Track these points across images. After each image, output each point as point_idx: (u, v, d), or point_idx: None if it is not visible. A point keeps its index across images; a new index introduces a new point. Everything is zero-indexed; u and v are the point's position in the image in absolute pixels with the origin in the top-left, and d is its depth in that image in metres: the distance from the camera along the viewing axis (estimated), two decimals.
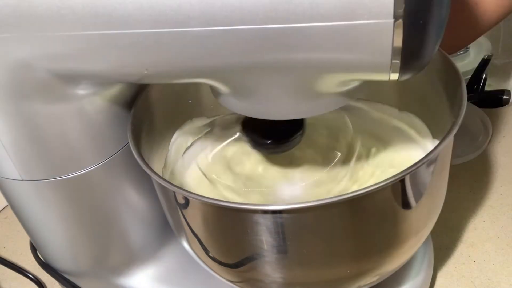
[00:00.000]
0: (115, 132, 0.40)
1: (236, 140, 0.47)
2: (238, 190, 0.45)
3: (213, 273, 0.40)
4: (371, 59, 0.25)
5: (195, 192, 0.32)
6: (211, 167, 0.47)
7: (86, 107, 0.37)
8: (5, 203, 0.66)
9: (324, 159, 0.46)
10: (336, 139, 0.48)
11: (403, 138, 0.47)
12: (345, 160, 0.46)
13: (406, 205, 0.34)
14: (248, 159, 0.47)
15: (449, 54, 0.39)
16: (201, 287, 0.47)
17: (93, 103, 0.37)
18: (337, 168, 0.46)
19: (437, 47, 0.25)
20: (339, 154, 0.46)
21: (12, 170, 0.39)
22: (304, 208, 0.31)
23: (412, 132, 0.47)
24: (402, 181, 0.32)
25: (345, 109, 0.51)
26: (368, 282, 0.38)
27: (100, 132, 0.39)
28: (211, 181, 0.46)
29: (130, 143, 0.37)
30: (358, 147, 0.47)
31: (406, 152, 0.46)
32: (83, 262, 0.47)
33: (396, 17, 0.23)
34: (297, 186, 0.45)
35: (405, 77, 0.26)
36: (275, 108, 0.31)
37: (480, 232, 0.54)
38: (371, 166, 0.45)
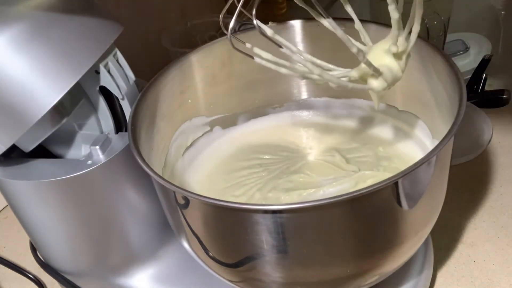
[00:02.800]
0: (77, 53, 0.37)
1: None
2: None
3: (213, 273, 0.40)
4: None
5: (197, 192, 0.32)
6: None
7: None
8: (5, 203, 0.66)
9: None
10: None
11: (403, 138, 0.47)
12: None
13: (406, 205, 0.34)
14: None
15: None
16: (201, 287, 0.47)
17: None
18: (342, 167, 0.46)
19: None
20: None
21: None
22: (304, 208, 0.31)
23: (412, 132, 0.47)
24: (401, 181, 0.32)
25: (345, 109, 0.51)
26: (368, 282, 0.38)
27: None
28: None
29: (130, 143, 0.37)
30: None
31: (406, 152, 0.46)
32: (83, 262, 0.47)
33: None
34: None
35: None
36: None
37: (480, 232, 0.54)
38: (371, 166, 0.45)
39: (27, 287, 0.56)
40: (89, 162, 0.40)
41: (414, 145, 0.46)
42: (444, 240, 0.53)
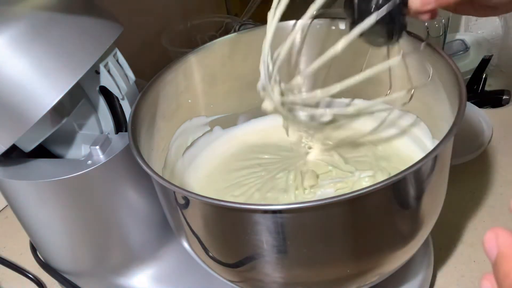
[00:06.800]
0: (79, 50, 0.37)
1: None
2: None
3: (213, 273, 0.40)
4: None
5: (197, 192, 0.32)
6: None
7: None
8: (5, 203, 0.66)
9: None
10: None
11: (403, 138, 0.47)
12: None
13: (405, 205, 0.34)
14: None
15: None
16: (201, 287, 0.47)
17: None
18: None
19: None
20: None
21: None
22: (304, 208, 0.31)
23: (412, 132, 0.47)
24: (401, 181, 0.32)
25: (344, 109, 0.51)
26: (368, 282, 0.38)
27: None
28: None
29: (130, 143, 0.37)
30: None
31: (406, 152, 0.46)
32: (83, 262, 0.47)
33: None
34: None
35: None
36: None
37: (480, 232, 0.54)
38: (370, 165, 0.45)
39: (27, 287, 0.56)
40: (89, 162, 0.40)
41: (414, 145, 0.46)
42: (444, 240, 0.53)
